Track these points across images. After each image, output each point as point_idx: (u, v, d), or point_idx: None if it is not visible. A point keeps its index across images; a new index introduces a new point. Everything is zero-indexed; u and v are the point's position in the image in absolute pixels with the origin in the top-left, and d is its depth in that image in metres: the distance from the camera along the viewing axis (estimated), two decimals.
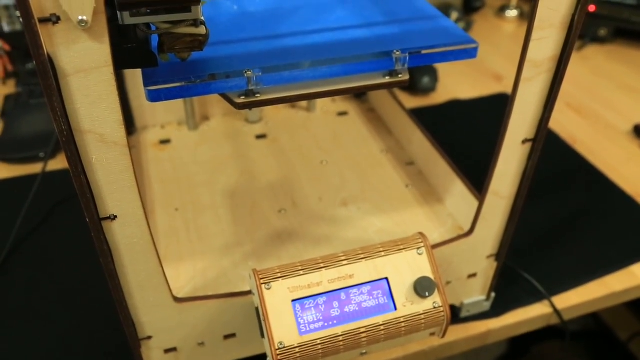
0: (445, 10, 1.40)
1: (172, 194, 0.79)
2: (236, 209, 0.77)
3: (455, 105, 1.13)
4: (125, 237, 0.49)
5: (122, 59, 0.45)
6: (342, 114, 0.97)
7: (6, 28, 1.19)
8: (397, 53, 0.52)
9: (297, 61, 0.51)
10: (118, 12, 0.42)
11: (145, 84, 0.47)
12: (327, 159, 0.86)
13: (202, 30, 0.46)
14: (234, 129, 0.93)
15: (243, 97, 0.50)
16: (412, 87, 1.16)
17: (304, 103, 0.98)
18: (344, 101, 1.00)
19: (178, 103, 0.90)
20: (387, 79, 0.53)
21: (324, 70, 0.51)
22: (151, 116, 0.92)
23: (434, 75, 1.17)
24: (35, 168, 0.95)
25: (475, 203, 0.66)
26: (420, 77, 1.16)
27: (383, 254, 0.57)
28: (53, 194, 0.88)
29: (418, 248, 0.57)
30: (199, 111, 0.93)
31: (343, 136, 0.91)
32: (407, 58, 0.52)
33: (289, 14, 0.60)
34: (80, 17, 0.37)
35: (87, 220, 0.46)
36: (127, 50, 0.44)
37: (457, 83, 1.20)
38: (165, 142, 0.89)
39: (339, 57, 0.52)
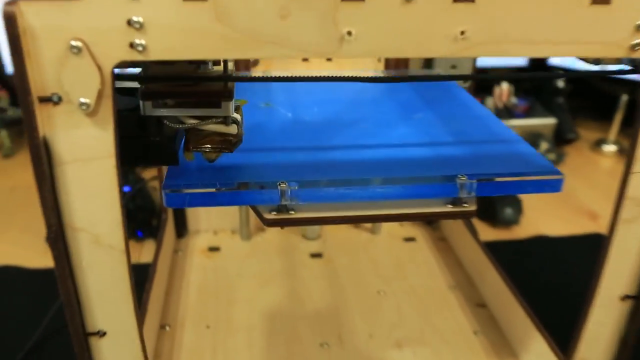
0: (534, 140, 1.31)
1: (208, 307, 0.72)
2: (273, 334, 0.67)
3: (540, 243, 1.00)
4: (115, 358, 0.41)
5: (138, 154, 0.40)
6: (409, 239, 0.87)
7: None
8: (463, 178, 0.44)
9: (342, 177, 0.44)
10: (140, 101, 0.38)
11: (164, 186, 0.41)
12: (385, 289, 0.76)
13: (233, 129, 0.40)
14: (288, 243, 0.86)
15: (274, 213, 0.43)
16: (491, 217, 1.05)
17: (368, 223, 0.90)
18: (413, 226, 0.91)
19: (234, 209, 0.85)
20: (449, 208, 0.45)
21: (371, 190, 0.43)
22: (205, 220, 0.87)
23: (517, 206, 1.06)
24: None
25: None
26: (502, 207, 1.05)
27: None
28: None
29: None
30: (254, 220, 0.88)
31: (407, 265, 0.81)
32: (475, 185, 0.44)
33: (346, 126, 0.54)
34: (82, 100, 0.32)
35: (71, 333, 0.39)
36: (145, 145, 0.39)
37: (544, 218, 1.08)
38: (214, 249, 0.84)
39: (392, 177, 0.44)
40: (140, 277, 0.47)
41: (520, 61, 1.42)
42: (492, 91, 1.34)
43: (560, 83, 1.37)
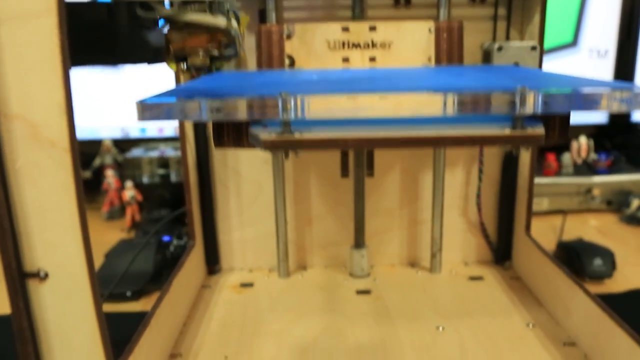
0: (622, 197, 1.16)
1: (229, 339, 0.60)
2: None
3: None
4: (60, 312, 0.31)
5: (106, 47, 0.32)
6: (476, 278, 0.73)
7: (145, 180, 1.21)
8: (523, 89, 0.33)
9: (365, 89, 0.34)
10: None
11: (139, 100, 0.33)
12: (445, 325, 0.62)
13: (221, 21, 0.33)
14: (333, 281, 0.74)
15: (274, 134, 0.34)
16: (579, 271, 0.89)
17: (426, 262, 0.77)
18: (480, 266, 0.77)
19: (271, 247, 0.76)
20: (508, 132, 0.34)
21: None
22: (240, 258, 0.78)
23: (609, 258, 0.89)
24: (119, 307, 0.84)
25: None
26: (589, 259, 0.89)
27: None
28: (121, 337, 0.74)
29: None
30: (295, 258, 0.77)
31: (473, 303, 0.67)
32: (540, 98, 0.33)
33: (380, 79, 0.45)
34: None
35: (3, 271, 0.30)
36: (113, 35, 0.32)
37: None
38: (246, 285, 0.73)
39: (428, 88, 0.34)
40: None
41: (600, 118, 1.31)
42: (570, 147, 1.22)
43: None
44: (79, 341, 0.31)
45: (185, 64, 0.34)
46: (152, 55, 0.33)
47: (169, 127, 1.21)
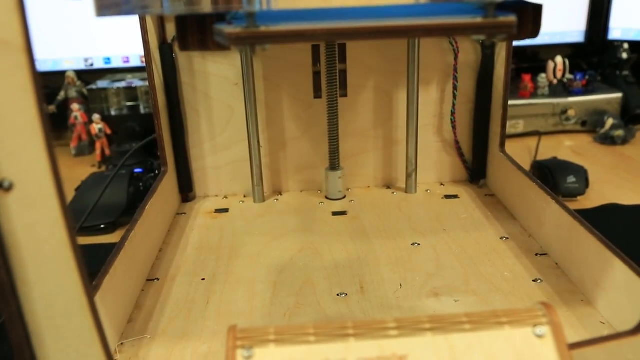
0: (598, 117, 1.16)
1: (206, 262, 0.60)
2: (281, 286, 0.55)
3: (613, 210, 0.84)
4: (29, 223, 0.30)
5: None
6: (451, 197, 0.74)
7: (113, 112, 1.18)
8: None
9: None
10: None
11: None
12: (421, 241, 0.62)
13: None
14: (309, 204, 0.74)
15: (239, 28, 0.32)
16: (553, 189, 0.90)
17: (401, 183, 0.77)
18: (455, 185, 0.78)
19: (246, 173, 0.75)
20: (479, 20, 0.33)
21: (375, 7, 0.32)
22: (214, 184, 0.77)
23: (581, 175, 0.91)
24: (93, 239, 0.83)
25: None
26: (562, 177, 0.90)
27: (467, 328, 0.31)
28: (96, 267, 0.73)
29: (537, 326, 0.31)
30: (270, 182, 0.77)
31: (448, 219, 0.68)
32: None
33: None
34: None
35: None
36: None
37: (614, 188, 0.92)
38: (221, 211, 0.73)
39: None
40: None
41: (576, 37, 1.29)
42: (545, 68, 1.21)
43: (625, 54, 1.22)
44: (50, 251, 0.31)
45: None
46: None
47: (134, 56, 1.17)
